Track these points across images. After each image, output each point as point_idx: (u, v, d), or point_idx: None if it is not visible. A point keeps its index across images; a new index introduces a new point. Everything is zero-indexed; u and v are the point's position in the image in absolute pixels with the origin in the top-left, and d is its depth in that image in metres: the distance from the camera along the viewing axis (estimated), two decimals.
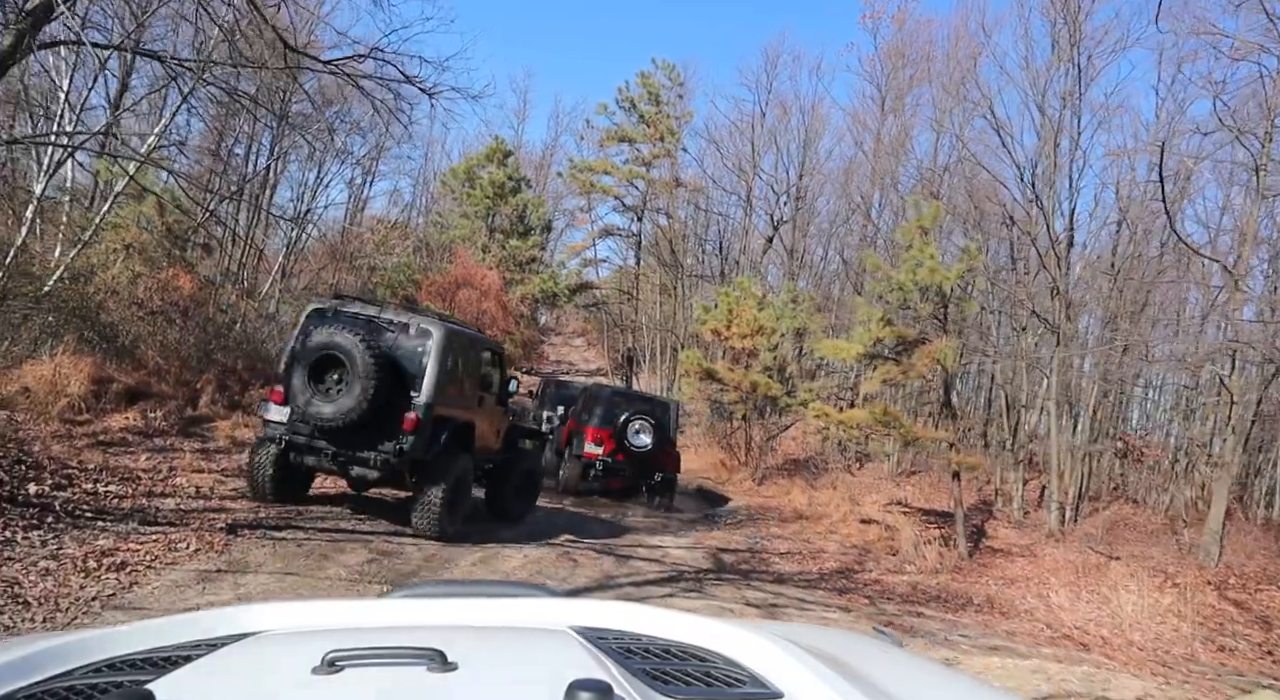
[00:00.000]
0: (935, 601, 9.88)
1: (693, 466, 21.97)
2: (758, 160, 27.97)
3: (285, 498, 8.09)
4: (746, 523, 14.20)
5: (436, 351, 7.48)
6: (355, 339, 7.10)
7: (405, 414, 7.31)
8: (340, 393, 7.08)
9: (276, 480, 7.91)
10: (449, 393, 7.79)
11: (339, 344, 7.08)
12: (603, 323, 36.53)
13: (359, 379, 6.98)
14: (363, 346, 7.07)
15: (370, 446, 7.34)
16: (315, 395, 7.14)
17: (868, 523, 15.84)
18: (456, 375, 7.95)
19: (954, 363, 12.86)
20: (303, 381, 7.17)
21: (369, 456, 7.37)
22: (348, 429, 7.16)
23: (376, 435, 7.30)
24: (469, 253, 19.38)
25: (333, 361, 7.13)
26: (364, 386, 6.99)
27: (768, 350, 20.63)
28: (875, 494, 20.42)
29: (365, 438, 7.30)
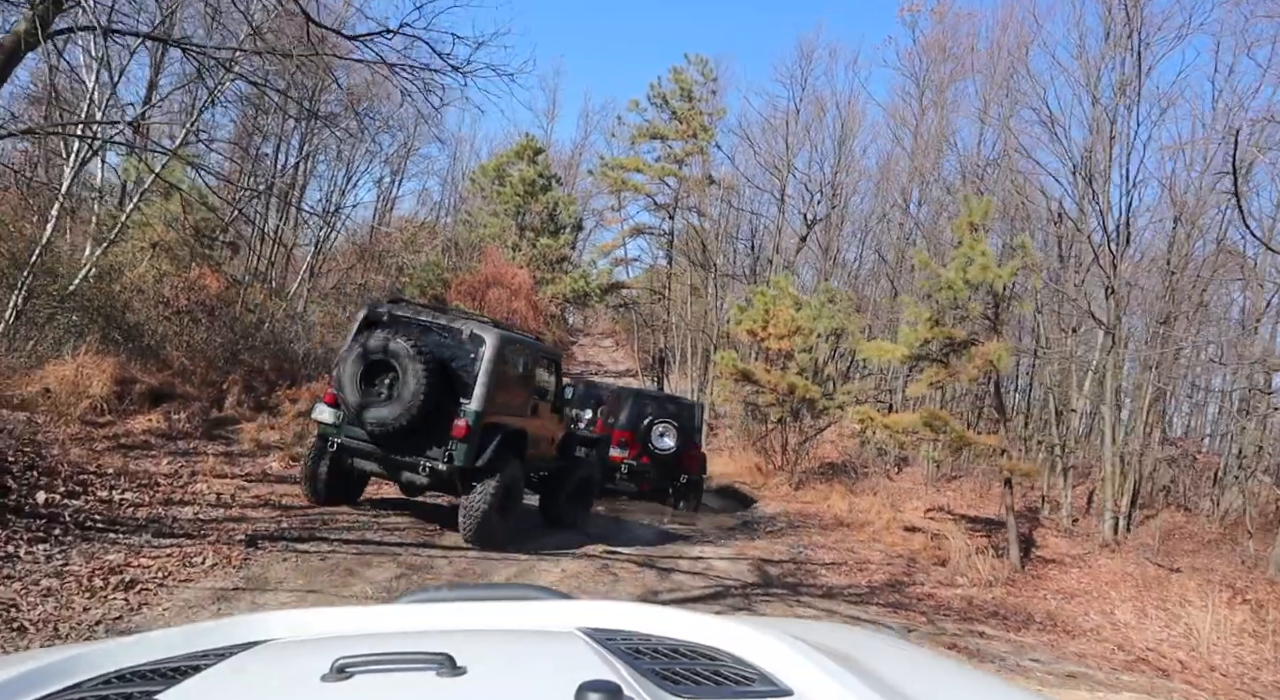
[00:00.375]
0: (994, 618, 9.29)
1: (727, 470, 21.43)
2: (791, 157, 27.35)
3: (339, 499, 8.17)
4: (787, 530, 13.64)
5: (489, 358, 7.41)
6: (407, 344, 7.08)
7: (455, 421, 7.25)
8: (391, 397, 7.08)
9: (330, 482, 7.96)
10: (501, 400, 7.70)
11: (391, 348, 7.08)
12: (632, 323, 36.07)
13: (410, 384, 6.97)
14: (414, 351, 7.05)
15: (420, 452, 7.33)
16: (367, 399, 7.16)
17: (912, 530, 15.23)
18: (509, 382, 7.86)
19: (1007, 365, 12.22)
20: (355, 385, 7.19)
21: (418, 462, 7.34)
22: (398, 434, 7.16)
23: (426, 441, 7.28)
24: (499, 251, 18.97)
25: (385, 366, 7.13)
26: (415, 392, 6.98)
27: (804, 351, 20.05)
28: (915, 499, 19.78)
29: (415, 443, 7.29)
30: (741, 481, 19.69)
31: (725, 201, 27.05)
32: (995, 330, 12.80)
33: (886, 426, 13.07)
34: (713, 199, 26.88)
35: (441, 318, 7.94)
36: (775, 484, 19.32)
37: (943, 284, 12.49)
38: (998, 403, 12.93)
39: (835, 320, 20.10)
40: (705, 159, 26.00)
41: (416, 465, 7.36)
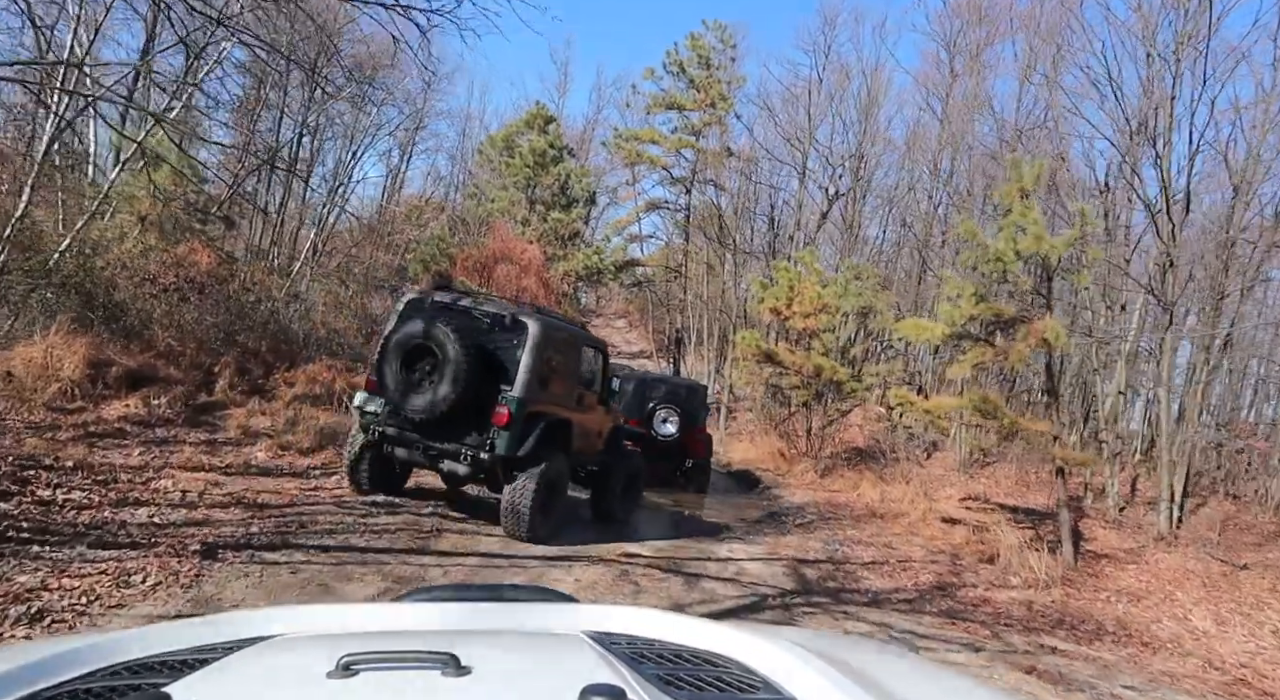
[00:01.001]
0: (1061, 627, 8.27)
1: (748, 456, 20.44)
2: (813, 129, 26.14)
3: (382, 489, 8.07)
4: (818, 523, 12.64)
5: (531, 345, 7.27)
6: (448, 330, 6.96)
7: (497, 408, 7.10)
8: (431, 385, 6.98)
9: (374, 472, 7.92)
10: (544, 389, 7.53)
11: (431, 335, 6.97)
12: (647, 302, 35.02)
13: (450, 371, 6.87)
14: (455, 338, 6.92)
15: (461, 440, 7.20)
16: (407, 386, 7.06)
17: (950, 522, 14.22)
18: (553, 371, 7.70)
19: (1065, 343, 11.14)
20: (395, 372, 7.09)
21: (459, 450, 7.20)
22: (438, 421, 7.06)
23: (467, 429, 7.16)
24: (507, 226, 17.94)
25: (425, 352, 7.03)
26: (455, 379, 6.88)
27: (828, 331, 18.98)
28: (948, 487, 18.73)
29: (456, 431, 7.18)
30: (764, 468, 18.70)
31: (744, 175, 25.91)
32: (1048, 306, 11.71)
33: (927, 411, 12.02)
34: (731, 172, 25.77)
35: (484, 304, 7.77)
36: (800, 471, 18.32)
37: (990, 256, 11.39)
38: (1050, 385, 11.85)
39: (862, 298, 19.00)
40: (724, 130, 24.88)
41: (457, 453, 7.20)
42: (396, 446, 7.50)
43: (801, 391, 17.99)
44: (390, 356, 7.17)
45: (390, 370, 7.15)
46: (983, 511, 16.26)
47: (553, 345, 7.65)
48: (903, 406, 12.15)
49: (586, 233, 23.45)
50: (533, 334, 7.32)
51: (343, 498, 7.87)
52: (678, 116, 24.84)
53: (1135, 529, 15.26)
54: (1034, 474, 21.11)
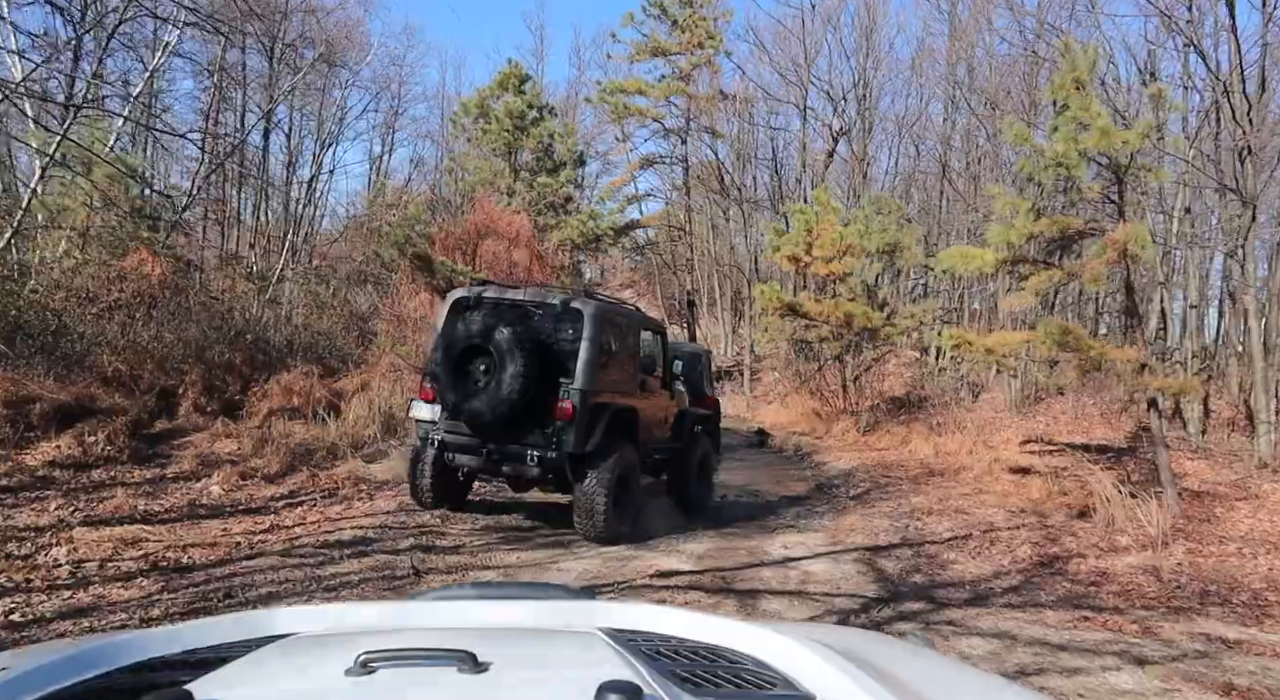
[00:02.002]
0: (1211, 602, 6.63)
1: (779, 420, 18.82)
2: (810, 61, 24.17)
3: (446, 502, 7.74)
4: (875, 493, 11.03)
5: (589, 332, 6.91)
6: (501, 326, 6.64)
7: (560, 403, 6.75)
8: (489, 385, 6.63)
9: (436, 485, 7.50)
10: (606, 377, 7.17)
11: (485, 333, 6.65)
12: (653, 267, 33.33)
13: (509, 369, 6.52)
14: (509, 333, 6.58)
15: (525, 441, 6.84)
16: (464, 389, 6.72)
17: (1021, 472, 12.60)
18: (613, 357, 7.38)
19: (1152, 253, 9.41)
20: (450, 376, 6.77)
21: (524, 452, 6.84)
22: (501, 424, 6.71)
23: (531, 428, 6.80)
24: (489, 197, 16.25)
25: (479, 352, 6.71)
26: (514, 376, 6.52)
27: (854, 275, 17.25)
28: (1003, 430, 17.05)
29: (519, 432, 6.82)
30: (799, 431, 17.09)
31: (740, 117, 24.00)
32: (1121, 214, 9.95)
33: (989, 350, 10.32)
34: (727, 117, 23.89)
35: (533, 294, 7.49)
36: (840, 430, 16.70)
37: (1049, 160, 9.61)
38: (1130, 305, 10.13)
39: (887, 234, 17.21)
40: (714, 71, 22.99)
41: (523, 455, 6.84)
42: (459, 454, 7.16)
43: (832, 343, 16.31)
44: (444, 360, 6.80)
45: (445, 374, 6.78)
46: (1051, 455, 14.63)
47: (611, 330, 7.32)
48: (961, 347, 10.46)
49: (580, 198, 21.69)
50: (589, 320, 6.94)
51: (298, 539, 6.30)
52: (664, 63, 22.99)
53: (1227, 458, 13.55)
54: (1094, 406, 19.42)
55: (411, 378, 13.20)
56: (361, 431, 11.11)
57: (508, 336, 6.56)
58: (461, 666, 1.10)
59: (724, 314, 30.50)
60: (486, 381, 6.65)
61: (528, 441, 6.83)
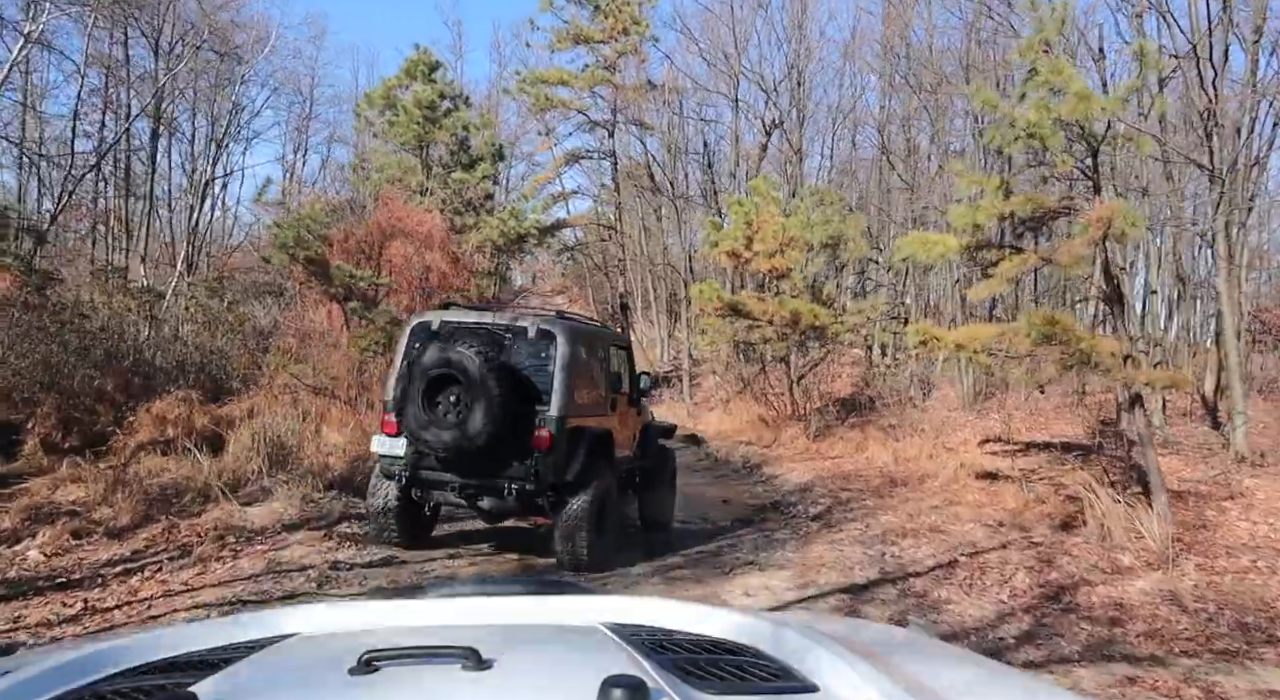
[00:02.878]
0: (1258, 640, 5.54)
1: (724, 428, 17.59)
2: (740, 49, 23.11)
3: (413, 540, 7.20)
4: (838, 512, 9.82)
5: (562, 356, 6.67)
6: (470, 352, 6.26)
7: (536, 431, 6.47)
8: (461, 415, 6.24)
9: (403, 522, 7.05)
10: (580, 400, 6.92)
11: (453, 360, 6.25)
12: (583, 270, 31.96)
13: (481, 397, 6.16)
14: (479, 360, 6.23)
15: (501, 472, 6.52)
16: (433, 421, 6.29)
17: (989, 478, 11.59)
18: (586, 379, 7.13)
19: (1141, 230, 8.41)
20: (417, 407, 6.30)
21: (501, 484, 6.51)
22: (474, 455, 6.34)
23: (507, 459, 6.49)
24: (396, 195, 14.69)
25: (449, 381, 6.30)
26: (487, 405, 6.16)
27: (799, 270, 16.15)
28: (959, 430, 16.14)
29: (495, 463, 6.48)
30: (745, 440, 15.88)
31: (670, 108, 22.77)
32: (1096, 189, 8.94)
33: (959, 345, 9.20)
34: (656, 108, 22.64)
35: (500, 317, 7.20)
36: (789, 437, 15.53)
37: (1020, 130, 8.55)
38: (1113, 292, 9.09)
39: (830, 226, 16.14)
40: (641, 59, 21.74)
41: (500, 488, 6.53)
42: (431, 489, 6.83)
43: (778, 344, 15.13)
44: (409, 390, 6.34)
45: (411, 405, 6.30)
46: (1014, 456, 13.71)
47: (582, 351, 7.03)
48: (928, 344, 9.31)
49: (502, 197, 20.25)
50: (561, 342, 6.69)
51: (114, 627, 4.74)
52: (587, 52, 21.66)
53: (1199, 452, 12.78)
54: (1047, 401, 18.69)
55: (310, 399, 11.60)
56: (244, 466, 9.48)
57: (479, 364, 6.17)
58: (465, 663, 1.10)
59: (660, 317, 29.28)
60: (458, 412, 6.25)
61: (504, 473, 6.50)
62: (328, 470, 9.83)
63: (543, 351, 6.72)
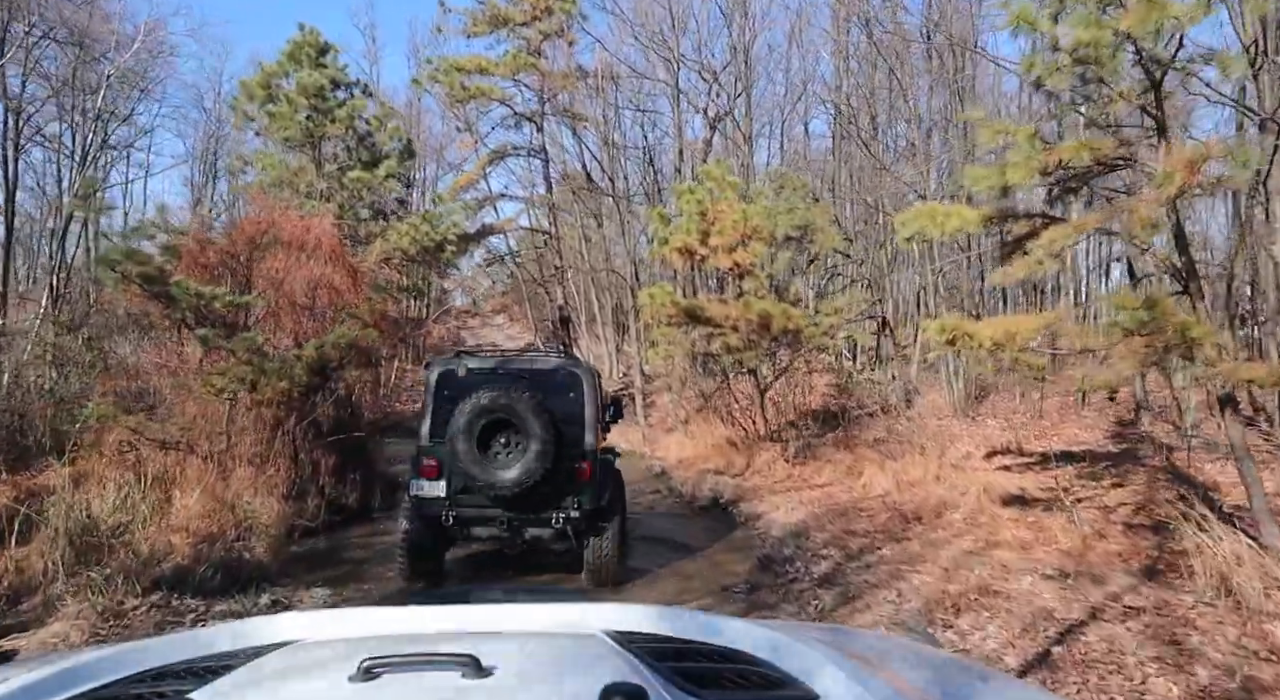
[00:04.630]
0: None
1: (685, 454, 15.20)
2: (678, 31, 20.92)
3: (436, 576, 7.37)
4: (851, 569, 7.49)
5: (588, 392, 7.25)
6: (521, 396, 6.73)
7: (578, 465, 6.97)
8: (514, 456, 6.70)
9: (432, 559, 7.31)
10: (600, 433, 7.56)
11: (506, 405, 6.67)
12: (520, 283, 29.48)
13: (535, 438, 6.63)
14: (530, 402, 6.69)
15: (550, 506, 6.91)
16: (488, 463, 6.69)
17: (1018, 504, 9.48)
18: (600, 413, 7.69)
19: (1249, 173, 6.29)
20: (470, 450, 6.65)
21: (550, 516, 6.93)
22: (527, 492, 6.71)
23: (554, 493, 6.87)
24: (268, 197, 12.13)
25: (501, 424, 6.71)
26: (542, 445, 6.63)
27: (763, 267, 13.92)
28: (958, 441, 14.02)
29: (542, 498, 6.84)
30: (714, 468, 13.52)
31: (604, 99, 20.43)
32: (1161, 131, 6.81)
33: (996, 343, 6.97)
34: (589, 97, 20.31)
35: (523, 362, 7.70)
36: (765, 462, 13.21)
37: (1075, 53, 6.39)
38: (1187, 265, 6.96)
39: (795, 215, 13.94)
40: (569, 43, 19.37)
41: (549, 519, 6.94)
42: (474, 526, 7.09)
43: (746, 353, 12.83)
44: (460, 435, 6.65)
45: (462, 449, 6.63)
46: (1033, 470, 11.60)
47: (596, 387, 7.59)
48: (956, 341, 7.06)
49: (418, 204, 17.71)
50: (585, 381, 7.30)
51: None
52: (509, 36, 19.22)
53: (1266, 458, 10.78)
54: (1046, 401, 16.73)
55: (160, 459, 8.92)
56: (34, 565, 6.81)
57: (530, 406, 6.64)
58: (465, 671, 1.10)
59: (605, 330, 26.89)
60: (508, 452, 6.72)
61: (553, 505, 6.90)
62: (163, 558, 7.22)
63: (571, 391, 7.20)
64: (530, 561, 7.74)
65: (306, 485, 9.38)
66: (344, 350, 9.09)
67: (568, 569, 7.51)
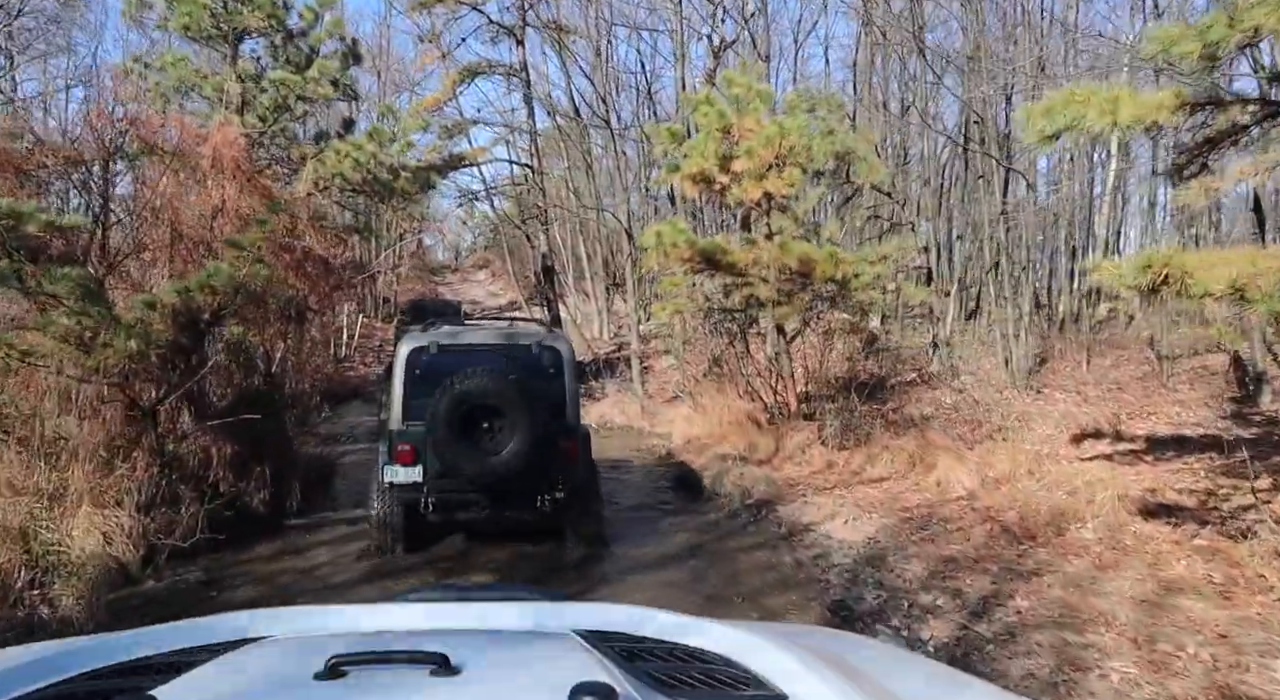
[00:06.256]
0: None
1: (696, 432, 12.49)
2: None
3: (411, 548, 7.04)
4: (975, 645, 4.85)
5: (568, 369, 7.02)
6: (506, 380, 6.33)
7: (563, 444, 6.70)
8: (499, 442, 6.34)
9: (407, 535, 6.98)
10: (578, 409, 7.24)
11: (493, 391, 6.27)
12: (501, 236, 26.64)
13: (523, 423, 6.28)
14: (515, 385, 6.34)
15: (538, 488, 6.65)
16: (471, 450, 6.31)
17: (1166, 515, 6.98)
18: (577, 388, 7.25)
19: None
20: (451, 436, 6.27)
21: (536, 498, 6.68)
22: (513, 476, 6.38)
23: (540, 475, 6.56)
24: (128, 85, 9.28)
25: (486, 409, 6.31)
26: (529, 430, 6.28)
27: (798, 200, 11.19)
28: (1033, 422, 11.37)
29: (530, 480, 6.54)
30: (733, 453, 10.80)
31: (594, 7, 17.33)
32: None
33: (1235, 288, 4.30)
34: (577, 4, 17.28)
35: (500, 335, 7.29)
36: (797, 446, 10.54)
37: None
38: None
39: (836, 139, 11.11)
40: None
41: (532, 500, 6.68)
42: (457, 511, 6.84)
43: (781, 309, 10.10)
44: (441, 422, 6.23)
45: (443, 434, 6.24)
46: (1147, 460, 9.08)
47: (574, 361, 7.23)
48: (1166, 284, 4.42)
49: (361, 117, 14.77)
50: (566, 357, 7.02)
51: None
52: None
53: None
54: (1112, 368, 14.18)
55: None
56: None
57: (515, 389, 6.32)
58: (434, 669, 1.08)
59: (595, 286, 24.07)
60: (491, 438, 6.35)
61: (539, 488, 6.65)
62: None
63: (551, 366, 6.92)
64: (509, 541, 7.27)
65: (178, 487, 6.64)
66: (227, 295, 6.31)
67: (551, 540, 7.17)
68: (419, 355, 6.86)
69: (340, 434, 13.92)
